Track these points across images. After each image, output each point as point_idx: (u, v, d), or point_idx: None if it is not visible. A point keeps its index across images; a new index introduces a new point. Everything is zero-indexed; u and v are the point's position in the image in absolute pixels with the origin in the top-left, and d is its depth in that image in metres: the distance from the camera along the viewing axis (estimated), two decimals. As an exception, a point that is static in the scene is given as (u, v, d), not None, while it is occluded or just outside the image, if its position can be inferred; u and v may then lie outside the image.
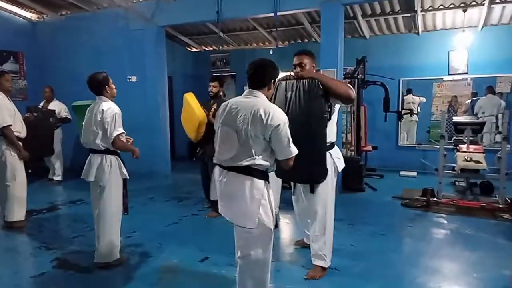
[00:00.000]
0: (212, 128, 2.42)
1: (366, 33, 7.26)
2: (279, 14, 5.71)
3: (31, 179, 5.46)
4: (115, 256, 3.06)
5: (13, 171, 3.98)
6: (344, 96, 2.51)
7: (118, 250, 3.09)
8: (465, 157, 4.76)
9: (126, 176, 3.07)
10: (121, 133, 2.95)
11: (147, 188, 5.86)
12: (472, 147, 4.95)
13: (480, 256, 3.23)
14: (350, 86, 2.59)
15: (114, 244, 3.04)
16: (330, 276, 2.86)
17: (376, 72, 6.34)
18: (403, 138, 7.64)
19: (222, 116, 2.16)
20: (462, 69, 6.74)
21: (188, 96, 4.23)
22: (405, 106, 7.38)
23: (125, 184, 3.09)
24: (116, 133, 2.90)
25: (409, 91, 7.49)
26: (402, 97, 7.40)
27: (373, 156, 7.06)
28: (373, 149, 6.76)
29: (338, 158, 2.86)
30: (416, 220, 4.31)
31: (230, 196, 2.12)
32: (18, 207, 4.06)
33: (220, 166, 2.17)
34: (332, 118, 2.74)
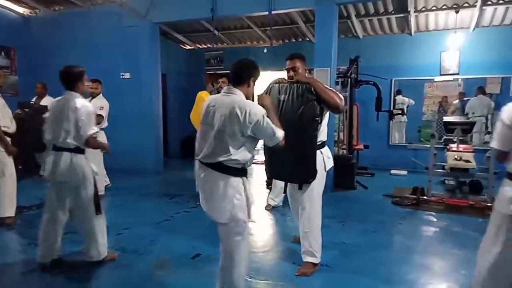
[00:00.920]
0: None
1: (360, 33, 7.31)
2: (273, 13, 5.74)
3: (22, 175, 5.44)
4: (103, 254, 3.04)
5: (1, 166, 3.93)
6: (333, 106, 2.62)
7: (106, 248, 3.06)
8: (455, 156, 4.83)
9: (96, 174, 3.00)
10: (95, 132, 2.87)
11: (139, 185, 5.85)
12: (462, 147, 5.02)
13: (468, 254, 3.26)
14: (340, 97, 2.66)
15: (102, 242, 3.01)
16: (322, 272, 2.89)
17: (369, 72, 6.39)
18: (394, 138, 7.72)
19: (203, 115, 2.26)
20: (454, 70, 6.83)
21: (204, 95, 4.31)
22: (396, 106, 7.46)
23: (95, 183, 2.99)
24: (91, 132, 2.81)
25: (399, 91, 7.57)
26: (394, 97, 7.48)
27: (365, 155, 7.12)
28: (365, 147, 6.82)
29: (328, 157, 2.90)
30: (406, 218, 4.36)
31: (206, 191, 2.22)
32: (8, 203, 4.01)
33: (200, 161, 2.24)
34: (324, 118, 2.79)
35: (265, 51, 7.29)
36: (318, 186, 2.82)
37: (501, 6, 5.97)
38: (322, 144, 2.86)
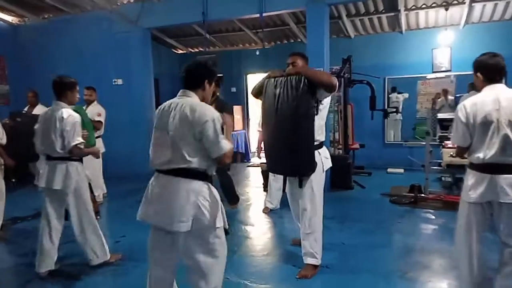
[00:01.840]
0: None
1: (351, 32, 7.34)
2: (265, 15, 5.74)
3: (15, 186, 5.38)
4: (104, 257, 3.09)
5: None
6: (326, 83, 2.60)
7: (105, 251, 3.10)
8: (451, 152, 4.84)
9: (90, 180, 3.07)
10: (79, 143, 2.86)
11: (135, 190, 5.75)
12: (457, 143, 5.04)
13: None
14: (331, 75, 2.72)
15: (99, 246, 3.06)
16: (322, 274, 2.87)
17: (362, 71, 6.41)
18: (389, 136, 7.74)
19: (156, 120, 2.07)
20: (446, 67, 6.89)
21: None
22: (391, 104, 7.49)
23: (91, 189, 3.11)
24: (74, 142, 2.81)
25: (394, 89, 7.61)
26: (387, 95, 7.51)
27: (361, 154, 7.14)
28: (361, 147, 6.84)
29: (326, 158, 2.90)
30: (404, 217, 4.36)
31: (161, 199, 1.95)
32: None
33: (156, 170, 2.03)
34: (321, 115, 2.79)
35: (258, 53, 7.30)
36: (318, 186, 2.81)
37: (490, 2, 6.03)
38: (320, 145, 2.86)
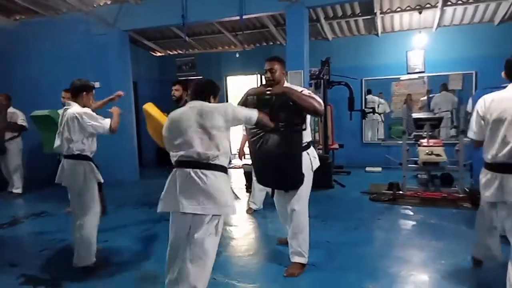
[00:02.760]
0: None
1: (329, 35, 7.48)
2: (244, 17, 5.76)
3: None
4: (93, 259, 3.05)
5: None
6: (312, 112, 2.66)
7: (94, 254, 3.07)
8: (426, 151, 5.02)
9: (100, 180, 3.10)
10: (108, 122, 3.07)
11: (116, 196, 5.68)
12: (432, 141, 5.23)
13: (446, 244, 3.42)
14: (319, 101, 2.66)
15: (93, 247, 3.05)
16: (309, 272, 2.92)
17: (340, 73, 6.55)
18: (367, 136, 7.93)
19: (168, 133, 2.34)
20: (420, 68, 7.13)
21: (148, 107, 3.96)
22: (367, 105, 7.68)
23: (101, 188, 3.14)
24: (107, 126, 3.04)
25: (369, 91, 7.79)
26: (365, 96, 7.70)
27: (340, 154, 7.29)
28: (340, 147, 6.98)
29: (314, 157, 2.95)
30: (384, 213, 4.49)
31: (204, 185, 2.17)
32: None
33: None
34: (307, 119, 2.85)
35: (237, 55, 7.31)
36: (306, 187, 2.85)
37: (460, 6, 6.29)
38: (308, 145, 2.90)
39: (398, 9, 6.51)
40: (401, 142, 5.24)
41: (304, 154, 2.80)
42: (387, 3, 6.39)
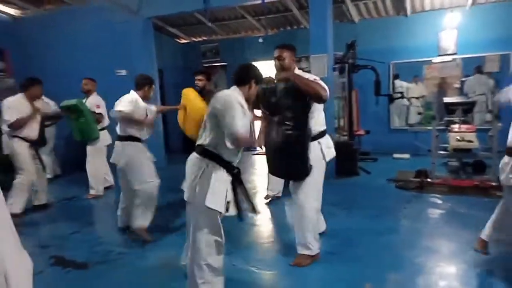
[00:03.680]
0: None
1: (355, 17, 7.22)
2: (266, 0, 5.64)
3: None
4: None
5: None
6: (314, 96, 2.58)
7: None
8: (457, 137, 4.79)
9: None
10: (120, 110, 3.41)
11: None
12: (464, 127, 4.97)
13: (475, 234, 3.25)
14: (323, 86, 2.59)
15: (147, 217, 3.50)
16: (327, 261, 2.88)
17: (367, 56, 6.31)
18: (395, 121, 7.67)
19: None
20: (452, 50, 6.77)
21: (190, 91, 4.02)
22: (396, 90, 7.40)
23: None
24: (118, 108, 3.43)
25: (396, 76, 7.49)
26: (393, 80, 7.41)
27: (367, 140, 7.09)
28: (366, 133, 6.79)
29: (328, 147, 2.86)
30: (411, 202, 4.35)
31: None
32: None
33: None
34: (318, 107, 2.76)
35: (261, 40, 7.21)
36: (314, 178, 2.76)
37: (498, -18, 5.88)
38: (320, 134, 2.82)
39: (429, -13, 6.18)
40: (430, 128, 5.03)
41: (314, 144, 2.74)
42: (417, -19, 6.08)
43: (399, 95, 7.22)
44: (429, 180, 4.81)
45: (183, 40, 9.15)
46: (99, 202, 5.01)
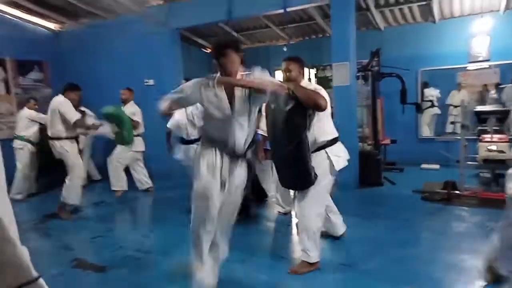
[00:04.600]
0: None
1: (381, 24, 7.09)
2: (289, 10, 5.68)
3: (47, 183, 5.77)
4: None
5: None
6: (311, 105, 2.61)
7: None
8: (488, 147, 4.57)
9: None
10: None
11: (176, 185, 5.81)
12: (496, 137, 4.74)
13: (502, 249, 3.08)
14: (323, 96, 2.64)
15: None
16: (341, 271, 2.82)
17: (393, 64, 6.15)
18: (424, 131, 7.41)
19: None
20: (484, 56, 6.47)
21: None
22: (425, 98, 7.16)
23: None
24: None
25: (426, 84, 7.25)
26: (421, 88, 7.18)
27: (393, 150, 6.88)
28: (392, 142, 6.59)
29: (337, 157, 2.83)
30: (436, 214, 4.17)
31: None
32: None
33: None
34: (325, 114, 2.77)
35: (285, 49, 7.21)
36: (318, 186, 2.74)
37: (534, -15, 5.60)
38: (328, 143, 2.81)
39: (459, -7, 5.97)
40: (459, 138, 4.82)
41: (321, 153, 2.74)
42: (446, -14, 5.90)
43: (429, 103, 6.98)
44: (457, 192, 4.60)
45: (209, 50, 9.35)
46: (125, 207, 5.23)
